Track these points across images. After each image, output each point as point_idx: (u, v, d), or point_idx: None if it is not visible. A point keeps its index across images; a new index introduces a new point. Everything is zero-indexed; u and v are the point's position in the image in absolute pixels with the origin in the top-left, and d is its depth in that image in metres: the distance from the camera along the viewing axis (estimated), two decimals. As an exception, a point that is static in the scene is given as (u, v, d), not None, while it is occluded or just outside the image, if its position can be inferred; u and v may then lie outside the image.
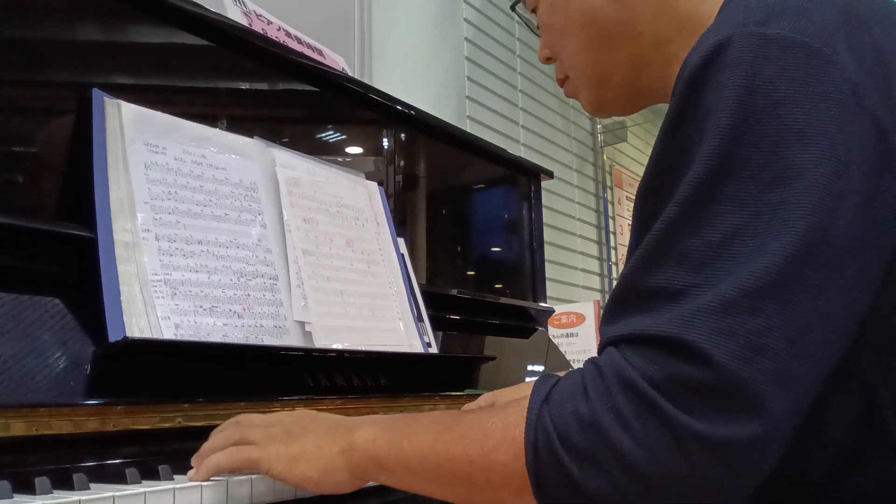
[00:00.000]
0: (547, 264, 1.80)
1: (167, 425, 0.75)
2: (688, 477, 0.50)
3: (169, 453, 0.75)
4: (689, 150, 0.56)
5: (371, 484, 0.70)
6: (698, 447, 0.49)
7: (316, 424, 0.70)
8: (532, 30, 0.85)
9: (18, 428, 0.64)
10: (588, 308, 2.72)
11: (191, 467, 0.71)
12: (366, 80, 1.95)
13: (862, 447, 0.56)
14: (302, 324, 0.97)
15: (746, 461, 0.50)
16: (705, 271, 0.52)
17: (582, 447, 0.51)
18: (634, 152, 4.01)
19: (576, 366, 1.65)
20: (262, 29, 1.23)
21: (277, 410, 0.86)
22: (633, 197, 0.65)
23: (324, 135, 1.27)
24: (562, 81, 0.83)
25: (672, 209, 0.55)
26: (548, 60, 0.83)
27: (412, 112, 1.40)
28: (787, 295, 0.50)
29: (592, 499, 0.51)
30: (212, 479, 0.67)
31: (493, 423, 0.57)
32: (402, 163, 1.41)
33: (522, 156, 2.02)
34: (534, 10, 0.82)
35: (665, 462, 0.50)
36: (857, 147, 0.52)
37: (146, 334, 0.78)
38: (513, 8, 0.86)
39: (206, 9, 1.01)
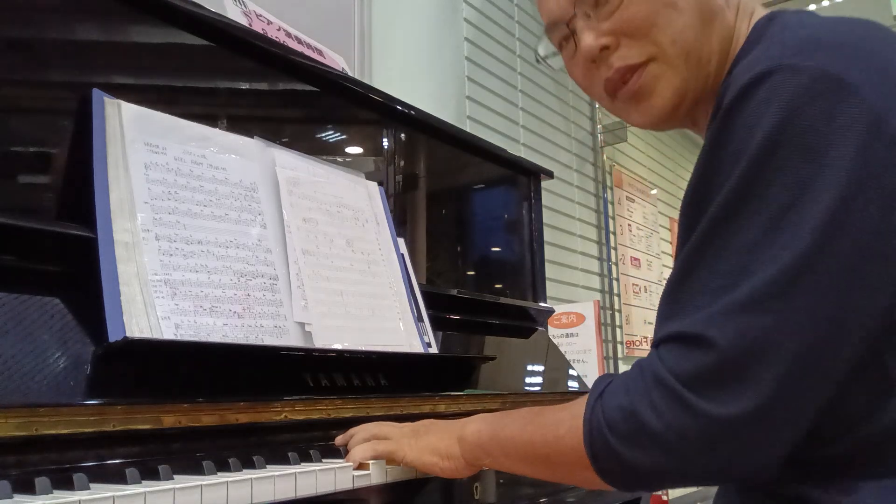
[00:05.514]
0: (547, 264, 1.80)
1: (167, 425, 0.75)
2: (707, 450, 0.61)
3: (169, 453, 0.75)
4: (724, 171, 0.64)
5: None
6: (711, 425, 0.60)
7: (435, 426, 0.86)
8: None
9: (18, 428, 0.64)
10: (588, 308, 2.72)
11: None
12: (366, 80, 1.95)
13: (873, 408, 0.63)
14: (302, 324, 0.97)
15: (752, 435, 0.60)
16: (728, 279, 0.61)
17: (625, 431, 0.64)
18: (634, 152, 4.01)
19: (576, 365, 1.66)
20: (262, 29, 1.23)
21: (277, 410, 0.86)
22: (633, 197, 0.70)
23: (324, 135, 1.27)
24: (633, 68, 0.74)
25: (704, 225, 0.64)
26: (604, 49, 0.74)
27: (412, 112, 1.40)
28: (794, 299, 0.59)
29: (634, 470, 0.64)
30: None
31: (564, 415, 0.72)
32: (402, 163, 1.41)
33: (522, 156, 2.02)
34: None
35: (689, 439, 0.61)
36: (878, 170, 0.59)
37: (146, 334, 0.78)
38: None
39: (206, 9, 1.01)
